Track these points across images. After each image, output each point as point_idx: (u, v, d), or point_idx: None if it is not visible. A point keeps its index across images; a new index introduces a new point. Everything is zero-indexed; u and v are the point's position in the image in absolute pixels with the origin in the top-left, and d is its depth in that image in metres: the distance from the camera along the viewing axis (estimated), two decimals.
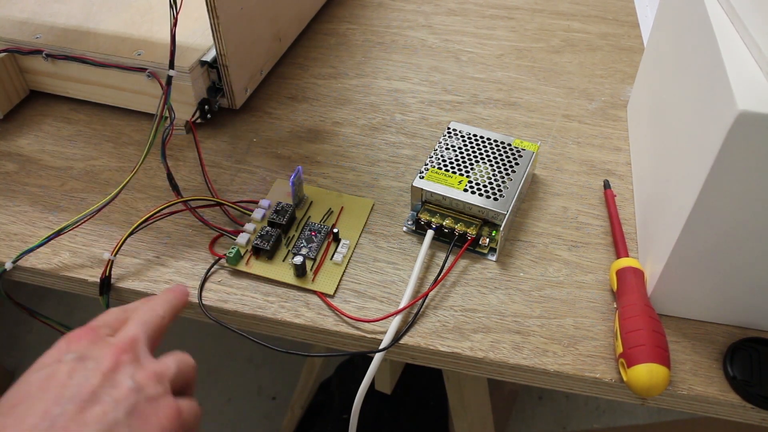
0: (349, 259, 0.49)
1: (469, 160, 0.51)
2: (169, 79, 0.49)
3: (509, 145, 0.53)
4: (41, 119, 0.61)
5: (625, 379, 0.40)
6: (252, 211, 0.51)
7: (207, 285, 0.47)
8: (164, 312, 0.37)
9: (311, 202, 0.53)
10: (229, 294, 0.46)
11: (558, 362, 0.42)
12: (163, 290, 0.40)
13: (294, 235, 0.50)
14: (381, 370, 0.68)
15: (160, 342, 0.36)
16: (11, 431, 0.27)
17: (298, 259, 0.46)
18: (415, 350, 0.44)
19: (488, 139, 0.53)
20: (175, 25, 0.47)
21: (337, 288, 0.47)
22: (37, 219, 0.51)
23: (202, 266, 0.48)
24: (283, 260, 0.48)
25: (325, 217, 0.51)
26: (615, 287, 0.45)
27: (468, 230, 0.48)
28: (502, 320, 0.45)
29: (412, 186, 0.50)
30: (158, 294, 0.39)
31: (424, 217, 0.49)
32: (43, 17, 0.61)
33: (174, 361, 0.34)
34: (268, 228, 0.48)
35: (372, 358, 0.43)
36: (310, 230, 0.50)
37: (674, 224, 0.40)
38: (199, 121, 0.58)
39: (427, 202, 0.50)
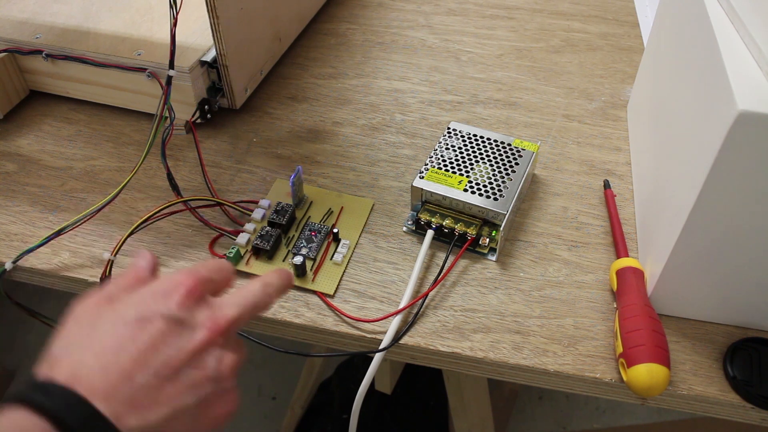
0: (349, 259, 0.49)
1: (469, 160, 0.51)
2: (169, 79, 0.49)
3: (509, 145, 0.53)
4: (41, 119, 0.61)
5: (625, 379, 0.40)
6: (252, 211, 0.51)
7: None
8: (274, 300, 0.35)
9: (311, 202, 0.52)
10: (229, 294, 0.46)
11: (558, 362, 0.42)
12: (278, 271, 0.36)
13: (294, 235, 0.50)
14: (381, 370, 0.68)
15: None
16: (95, 381, 0.27)
17: (298, 259, 0.46)
18: (415, 350, 0.44)
19: (488, 139, 0.53)
20: (175, 25, 0.47)
21: (337, 288, 0.47)
22: (37, 219, 0.51)
23: None
24: (283, 260, 0.48)
25: (325, 217, 0.51)
26: (615, 287, 0.45)
27: (468, 230, 0.48)
28: (502, 320, 0.45)
29: (412, 186, 0.50)
30: (273, 275, 0.35)
31: (424, 217, 0.49)
32: (43, 17, 0.61)
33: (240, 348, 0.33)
34: (268, 228, 0.48)
35: (372, 358, 0.43)
36: (310, 230, 0.50)
37: (674, 224, 0.40)
38: (199, 121, 0.58)
39: (427, 202, 0.50)
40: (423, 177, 0.50)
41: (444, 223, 0.48)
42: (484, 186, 0.49)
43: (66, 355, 0.28)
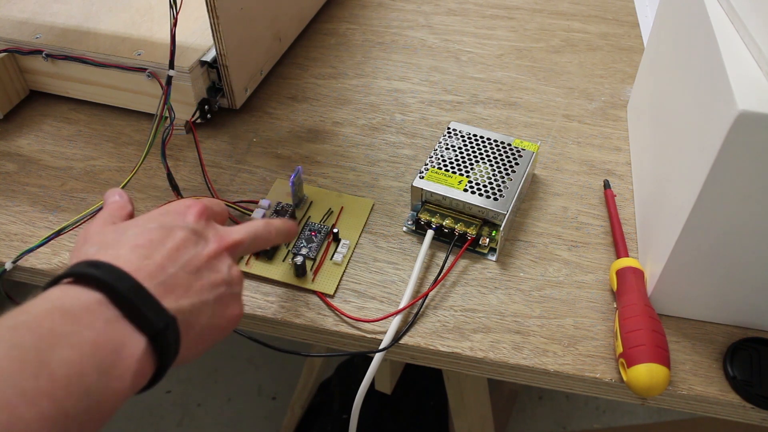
0: (349, 259, 0.49)
1: (469, 160, 0.51)
2: (169, 79, 0.49)
3: (509, 145, 0.53)
4: (41, 119, 0.61)
5: (625, 379, 0.40)
6: (252, 211, 0.51)
7: None
8: (274, 239, 0.41)
9: (311, 202, 0.53)
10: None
11: (558, 362, 0.42)
12: (283, 219, 0.43)
13: None
14: (381, 370, 0.68)
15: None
16: (135, 266, 0.30)
17: (298, 259, 0.46)
18: (415, 350, 0.44)
19: (488, 139, 0.53)
20: (175, 25, 0.47)
21: (337, 288, 0.47)
22: (37, 219, 0.51)
23: None
24: (283, 260, 0.48)
25: (325, 217, 0.51)
26: (615, 287, 0.45)
27: (468, 230, 0.48)
28: (502, 320, 0.45)
29: (412, 186, 0.50)
30: (278, 219, 0.42)
31: (424, 217, 0.49)
32: (43, 17, 0.61)
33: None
34: None
35: (372, 358, 0.43)
36: (310, 230, 0.50)
37: (674, 224, 0.40)
38: (199, 121, 0.58)
39: (427, 202, 0.50)
40: (423, 177, 0.50)
41: (444, 223, 0.48)
42: (484, 186, 0.49)
43: (102, 251, 0.31)
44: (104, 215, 0.36)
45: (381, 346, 0.43)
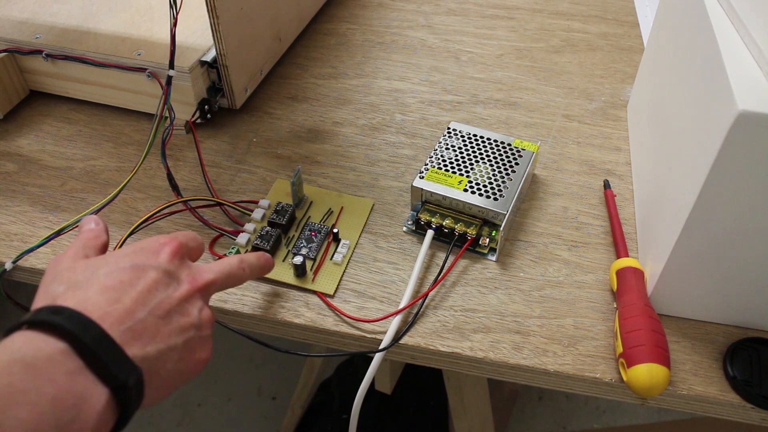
0: (349, 259, 0.49)
1: (469, 160, 0.51)
2: (169, 79, 0.49)
3: (509, 145, 0.53)
4: (41, 119, 0.61)
5: (625, 379, 0.40)
6: (252, 211, 0.51)
7: None
8: (248, 275, 0.40)
9: (311, 202, 0.53)
10: (229, 294, 0.46)
11: (558, 362, 0.42)
12: (258, 253, 0.42)
13: (294, 235, 0.50)
14: (381, 370, 0.68)
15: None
16: (102, 312, 0.29)
17: (298, 259, 0.46)
18: (415, 350, 0.44)
19: (488, 139, 0.53)
20: (175, 25, 0.47)
21: (337, 288, 0.47)
22: (37, 219, 0.51)
23: None
24: (283, 260, 0.48)
25: (325, 217, 0.51)
26: (615, 287, 0.45)
27: (468, 230, 0.48)
28: (502, 320, 0.45)
29: (412, 186, 0.50)
30: (252, 254, 0.41)
31: (424, 217, 0.49)
32: (43, 17, 0.61)
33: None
34: (268, 228, 0.48)
35: (372, 358, 0.43)
36: (310, 230, 0.50)
37: (674, 224, 0.40)
38: (199, 121, 0.58)
39: (427, 202, 0.50)
40: (423, 177, 0.50)
41: (444, 223, 0.48)
42: (484, 186, 0.49)
43: (70, 291, 0.31)
44: (77, 246, 0.35)
45: (381, 346, 0.43)
